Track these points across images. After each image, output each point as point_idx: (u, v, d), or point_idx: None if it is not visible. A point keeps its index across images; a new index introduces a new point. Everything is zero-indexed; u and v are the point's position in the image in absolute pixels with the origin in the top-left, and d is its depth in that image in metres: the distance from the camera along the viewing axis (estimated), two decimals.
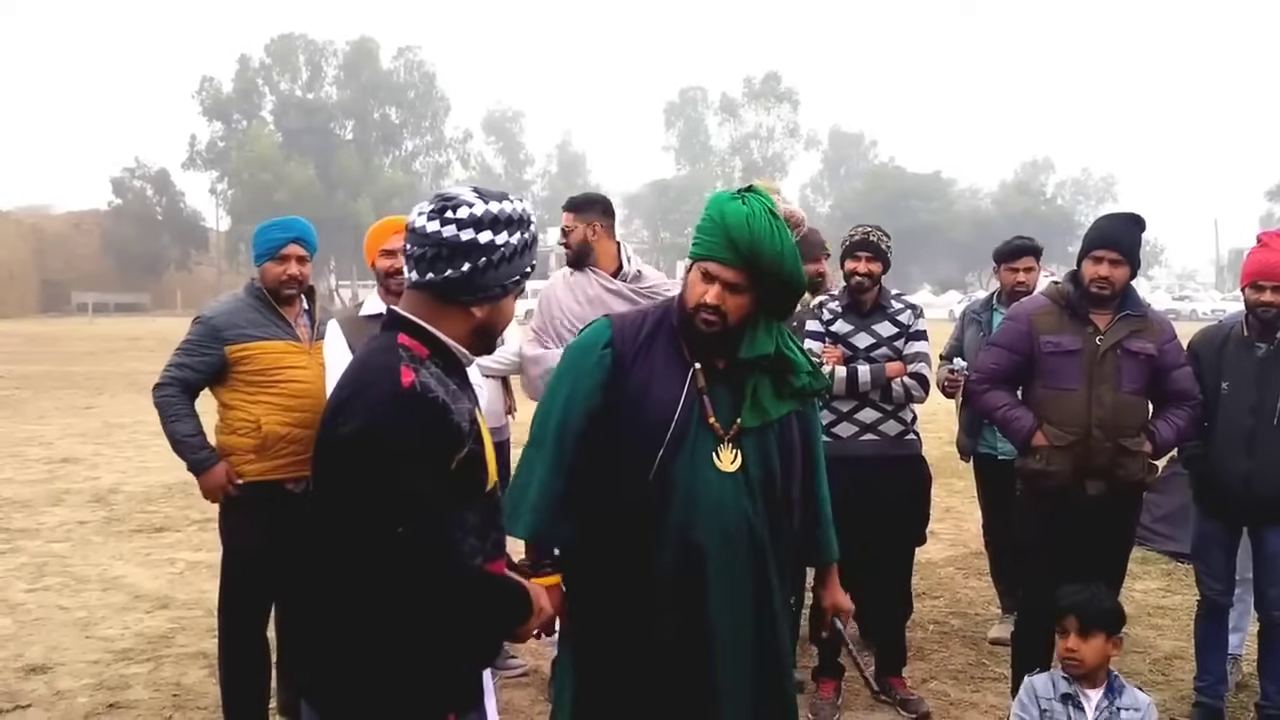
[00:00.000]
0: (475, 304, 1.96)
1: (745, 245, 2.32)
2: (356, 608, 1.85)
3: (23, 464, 10.08)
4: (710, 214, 2.40)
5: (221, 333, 3.72)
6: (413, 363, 1.88)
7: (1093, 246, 3.78)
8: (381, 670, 1.85)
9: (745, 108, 79.37)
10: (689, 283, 2.43)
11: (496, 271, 1.94)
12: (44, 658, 4.79)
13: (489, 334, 2.04)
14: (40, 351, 26.22)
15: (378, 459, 1.79)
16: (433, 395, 1.85)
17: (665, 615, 2.37)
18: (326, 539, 1.88)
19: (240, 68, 68.18)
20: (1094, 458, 3.72)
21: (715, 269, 2.36)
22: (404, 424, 1.80)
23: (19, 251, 55.76)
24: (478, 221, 1.91)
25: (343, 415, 1.85)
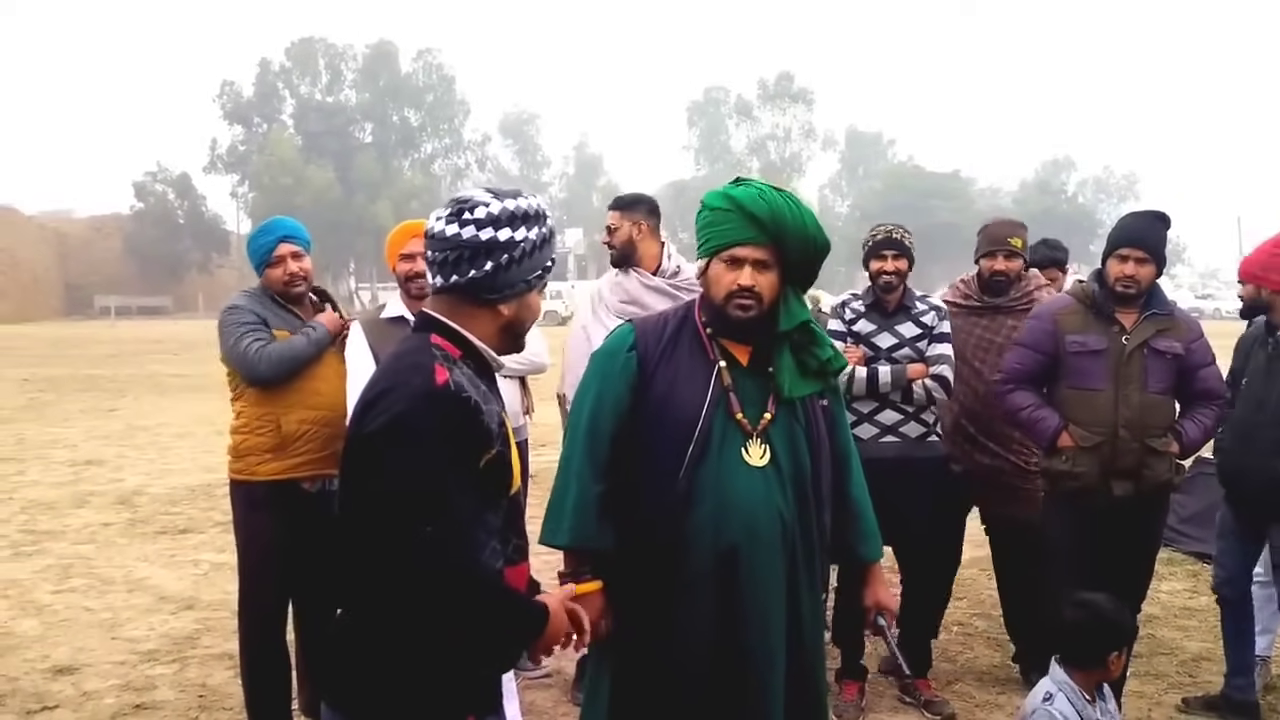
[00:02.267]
0: (502, 301, 1.98)
1: (768, 217, 2.37)
2: (376, 608, 1.85)
3: (48, 466, 10.16)
4: (716, 205, 2.44)
5: (259, 313, 3.74)
6: (446, 362, 1.89)
7: (1118, 245, 3.75)
8: (400, 671, 1.85)
9: (761, 109, 79.24)
10: (711, 278, 2.45)
11: (519, 267, 1.96)
12: (71, 659, 4.83)
13: (517, 331, 2.05)
14: (64, 355, 26.43)
15: (407, 454, 1.79)
16: (465, 394, 1.86)
17: (700, 613, 2.37)
18: (349, 540, 1.88)
19: (260, 71, 68.59)
20: (1121, 458, 3.69)
21: (743, 252, 2.39)
22: (435, 420, 1.81)
23: (42, 255, 56.21)
24: (495, 220, 1.93)
25: (374, 411, 1.85)
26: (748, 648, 2.39)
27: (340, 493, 1.96)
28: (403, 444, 1.79)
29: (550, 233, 2.02)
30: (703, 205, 2.49)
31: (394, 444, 1.80)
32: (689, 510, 2.38)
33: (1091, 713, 2.97)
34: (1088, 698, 2.97)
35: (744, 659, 2.39)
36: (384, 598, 1.83)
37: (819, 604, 2.55)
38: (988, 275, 4.39)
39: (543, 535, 2.53)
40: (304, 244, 3.85)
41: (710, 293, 2.47)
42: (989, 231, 4.47)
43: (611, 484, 2.45)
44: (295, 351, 3.71)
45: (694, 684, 2.38)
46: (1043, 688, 3.02)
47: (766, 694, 2.40)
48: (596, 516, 2.45)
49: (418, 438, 1.79)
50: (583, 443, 2.48)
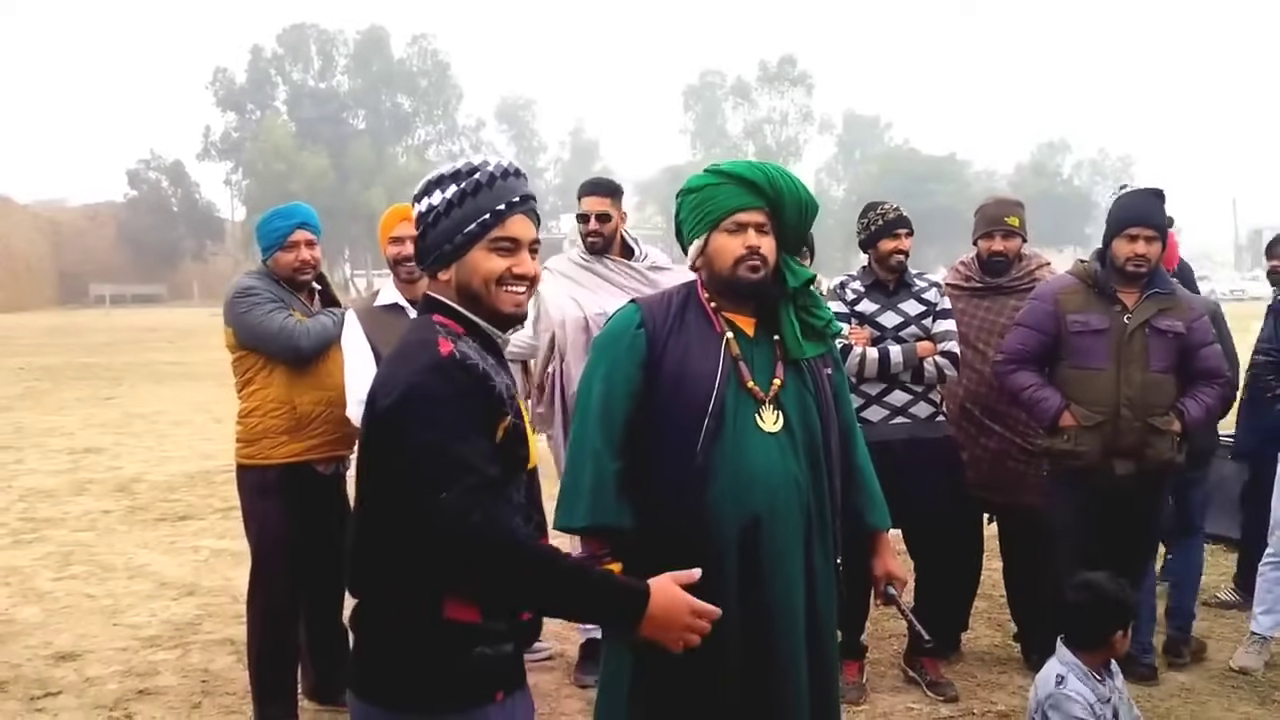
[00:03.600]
0: (438, 269, 1.96)
1: (764, 181, 2.43)
2: (400, 592, 1.84)
3: (46, 454, 10.15)
4: (705, 183, 2.49)
5: (274, 292, 3.72)
6: (450, 336, 1.88)
7: (1127, 224, 3.74)
8: (428, 654, 1.85)
9: (759, 92, 79.03)
10: (714, 250, 2.46)
11: (436, 230, 1.93)
12: (73, 645, 4.82)
13: (473, 297, 1.94)
14: (59, 343, 26.38)
15: (421, 422, 1.78)
16: (473, 362, 1.85)
17: (724, 585, 2.33)
18: (369, 527, 1.87)
19: (253, 58, 68.27)
20: (1123, 437, 3.70)
21: (744, 217, 2.43)
22: (446, 387, 1.80)
23: (36, 244, 56.04)
24: (420, 193, 1.97)
25: (383, 391, 1.84)
26: (772, 616, 2.38)
27: (358, 484, 1.94)
28: (416, 414, 1.78)
29: (475, 185, 1.92)
30: (686, 190, 2.52)
31: (407, 415, 1.79)
32: (708, 484, 2.37)
33: (1103, 691, 2.98)
34: (1096, 677, 2.98)
35: (768, 628, 2.38)
36: (412, 578, 1.81)
37: (833, 568, 2.54)
38: (986, 256, 4.38)
39: (557, 520, 2.46)
40: (318, 233, 3.86)
41: (716, 265, 2.47)
42: (985, 212, 4.45)
43: (627, 464, 2.43)
44: (329, 332, 3.74)
45: (719, 654, 2.33)
46: (1052, 670, 3.02)
47: (792, 661, 2.40)
48: (614, 495, 2.41)
49: (431, 407, 1.78)
50: (596, 423, 2.45)
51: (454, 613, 1.83)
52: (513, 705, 1.95)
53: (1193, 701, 4.13)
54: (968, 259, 4.57)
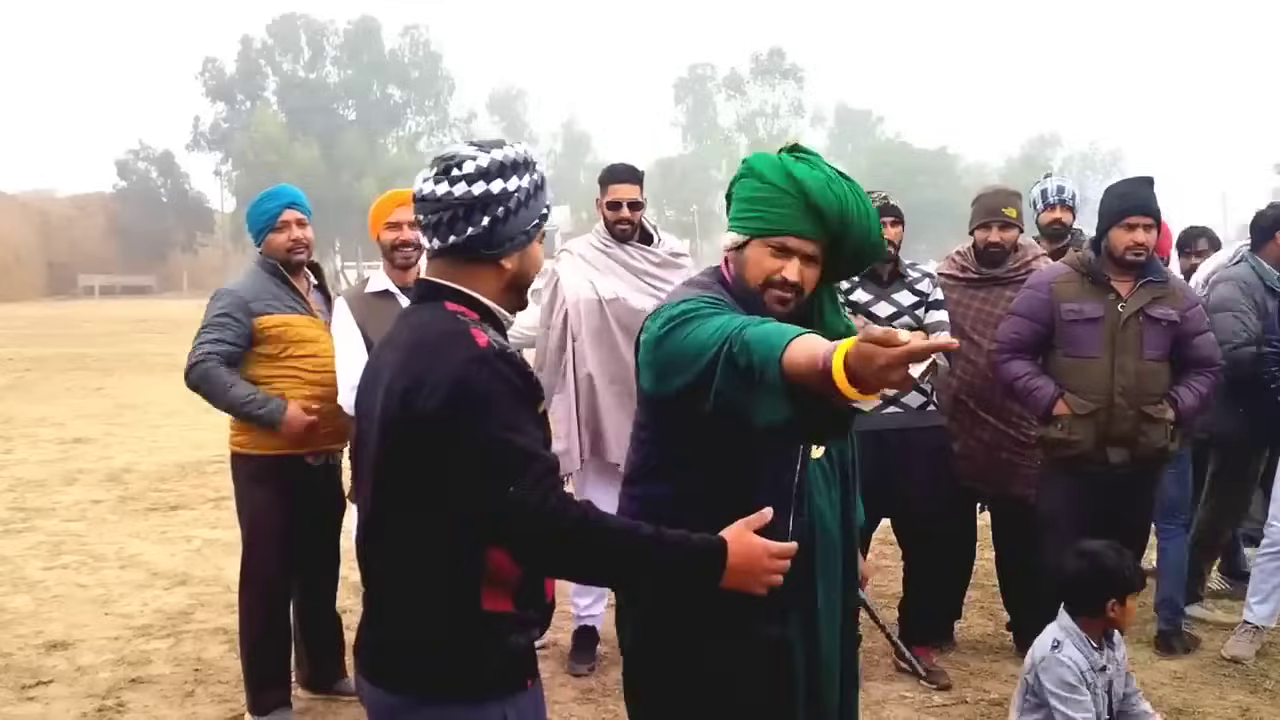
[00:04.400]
0: (503, 256, 1.91)
1: (834, 215, 2.09)
2: (439, 583, 1.83)
3: (35, 444, 10.10)
4: (774, 182, 2.12)
5: (250, 304, 3.69)
6: (478, 325, 1.85)
7: (1125, 214, 3.74)
8: (469, 641, 1.84)
9: (751, 84, 79.02)
10: (749, 259, 2.16)
11: (516, 218, 1.89)
12: (64, 634, 4.81)
13: (521, 286, 1.99)
14: (48, 334, 26.25)
15: (476, 418, 1.74)
16: (510, 351, 1.83)
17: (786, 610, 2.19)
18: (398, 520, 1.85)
19: (243, 48, 67.98)
20: (1117, 425, 3.71)
21: (795, 243, 2.11)
22: (494, 379, 1.77)
23: (24, 235, 55.72)
24: (485, 173, 1.87)
25: (424, 392, 1.77)
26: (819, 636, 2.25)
27: (370, 480, 1.90)
28: (470, 410, 1.75)
29: (542, 179, 1.95)
30: (751, 171, 2.18)
31: (459, 412, 1.75)
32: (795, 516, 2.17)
33: (1098, 659, 3.04)
34: (1094, 645, 3.03)
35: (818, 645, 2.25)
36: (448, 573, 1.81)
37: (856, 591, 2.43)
38: (983, 246, 4.38)
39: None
40: (308, 213, 3.84)
41: (745, 275, 2.18)
42: (983, 202, 4.45)
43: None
44: (217, 393, 3.62)
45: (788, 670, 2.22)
46: (1050, 635, 3.08)
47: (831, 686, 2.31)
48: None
49: (484, 401, 1.75)
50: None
51: (491, 604, 1.84)
52: (538, 691, 1.97)
53: (1185, 690, 4.15)
54: (964, 249, 4.57)
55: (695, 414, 1.94)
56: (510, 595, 1.86)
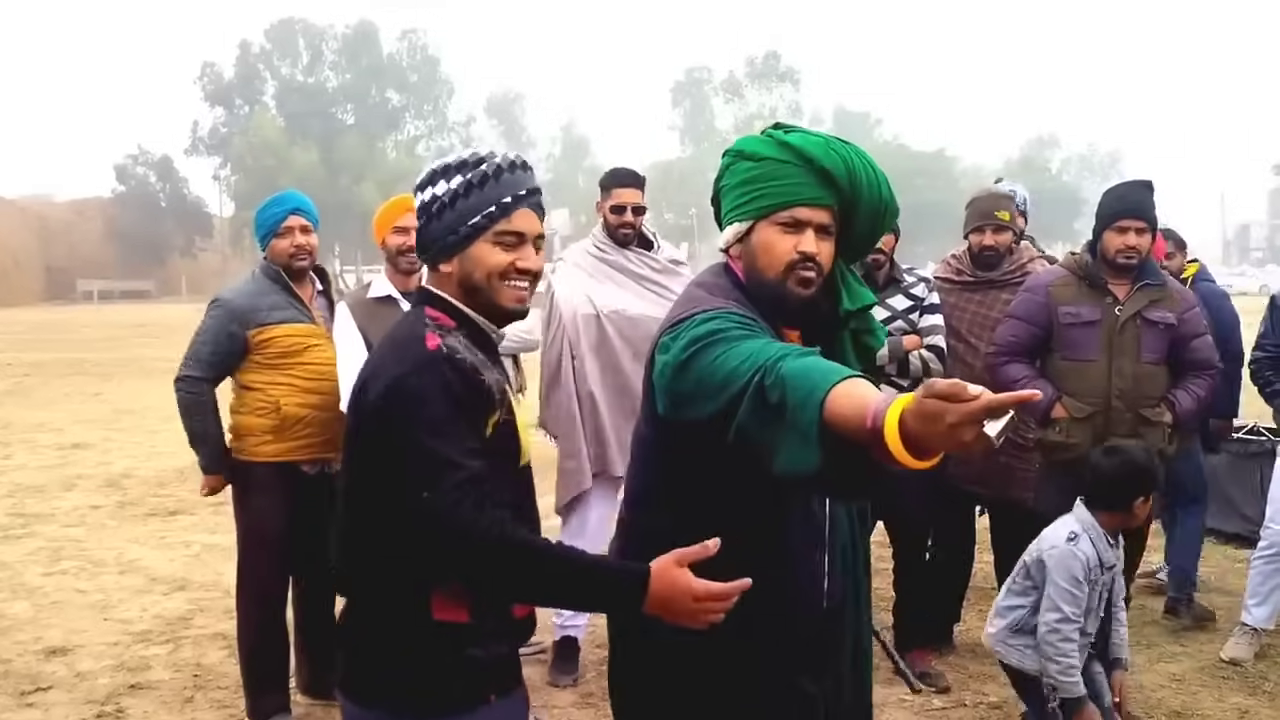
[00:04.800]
0: (439, 260, 1.92)
1: (842, 175, 1.93)
2: (391, 588, 1.82)
3: (34, 450, 10.10)
4: (769, 155, 1.97)
5: (243, 315, 3.70)
6: (439, 330, 1.85)
7: (1118, 216, 3.75)
8: (420, 652, 1.81)
9: (749, 88, 79.09)
10: (759, 246, 1.98)
11: (440, 222, 1.89)
12: (64, 640, 4.80)
13: (474, 290, 1.90)
14: (47, 339, 26.25)
15: (406, 419, 1.75)
16: (460, 356, 1.82)
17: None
18: (355, 526, 1.85)
19: (241, 53, 68.05)
20: (1114, 428, 3.71)
21: (805, 213, 1.94)
22: (432, 382, 1.77)
23: (23, 239, 55.76)
24: (422, 184, 1.92)
25: (370, 386, 1.82)
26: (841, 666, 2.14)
27: (343, 480, 1.91)
28: (402, 409, 1.76)
29: (482, 176, 1.87)
30: (741, 154, 2.01)
31: (392, 411, 1.77)
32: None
33: (1110, 556, 3.15)
34: (1110, 541, 3.16)
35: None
36: (399, 577, 1.80)
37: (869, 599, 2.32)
38: (978, 250, 4.39)
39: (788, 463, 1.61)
40: (313, 220, 3.84)
41: (758, 265, 1.99)
42: (976, 205, 4.46)
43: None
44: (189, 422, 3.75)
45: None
46: (1066, 526, 3.17)
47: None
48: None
49: (416, 403, 1.75)
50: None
51: (442, 613, 1.81)
52: (506, 707, 1.91)
53: (1184, 692, 4.15)
54: (959, 252, 4.58)
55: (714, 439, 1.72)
56: (465, 606, 1.82)
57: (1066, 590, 3.10)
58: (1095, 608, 3.18)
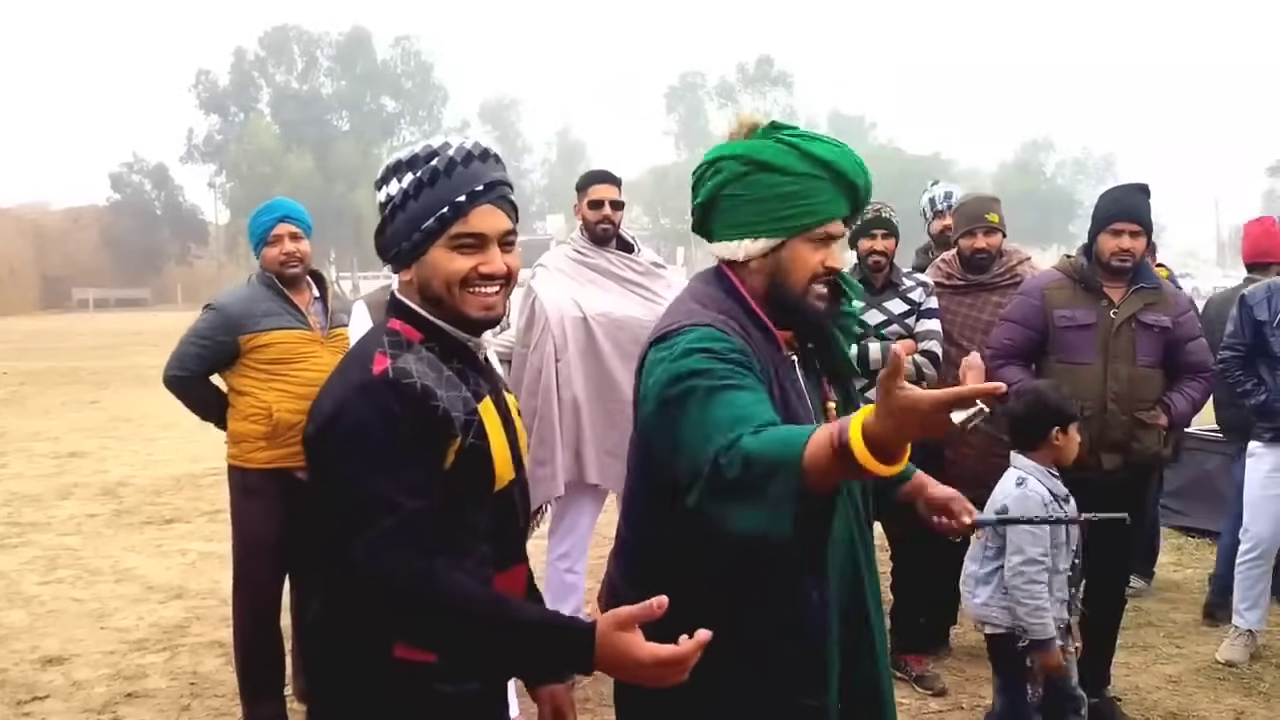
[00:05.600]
0: (399, 267, 1.76)
1: (864, 185, 1.96)
2: (350, 624, 1.68)
3: (30, 459, 10.08)
4: (800, 170, 1.91)
5: (236, 321, 3.71)
6: (394, 348, 1.68)
7: (1112, 219, 3.76)
8: (384, 691, 1.68)
9: (742, 93, 79.17)
10: (794, 260, 1.94)
11: (393, 225, 1.72)
12: (60, 649, 4.80)
13: (436, 299, 1.73)
14: (42, 348, 26.21)
15: (338, 454, 1.60)
16: (409, 381, 1.63)
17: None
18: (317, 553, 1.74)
19: (235, 60, 68.12)
20: (1110, 431, 3.71)
21: (838, 229, 1.96)
22: (369, 412, 1.60)
23: (18, 248, 55.67)
24: (379, 180, 1.76)
25: (313, 417, 1.68)
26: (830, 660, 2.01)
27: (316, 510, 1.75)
28: (335, 443, 1.61)
29: (435, 171, 1.70)
30: (758, 165, 1.92)
31: (326, 445, 1.62)
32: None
33: (1060, 487, 3.31)
34: (1055, 474, 3.30)
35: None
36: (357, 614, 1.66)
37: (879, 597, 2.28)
38: (969, 254, 4.40)
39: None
40: (304, 226, 3.84)
41: (788, 280, 1.94)
42: (965, 209, 4.48)
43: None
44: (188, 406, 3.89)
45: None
46: (1011, 476, 3.33)
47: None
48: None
49: (350, 436, 1.59)
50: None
51: (405, 651, 1.66)
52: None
53: (1180, 694, 4.17)
54: (949, 256, 4.59)
55: None
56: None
57: (1026, 531, 3.20)
58: (1065, 541, 3.27)
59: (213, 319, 3.75)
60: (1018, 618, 3.20)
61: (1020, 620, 3.20)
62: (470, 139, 1.78)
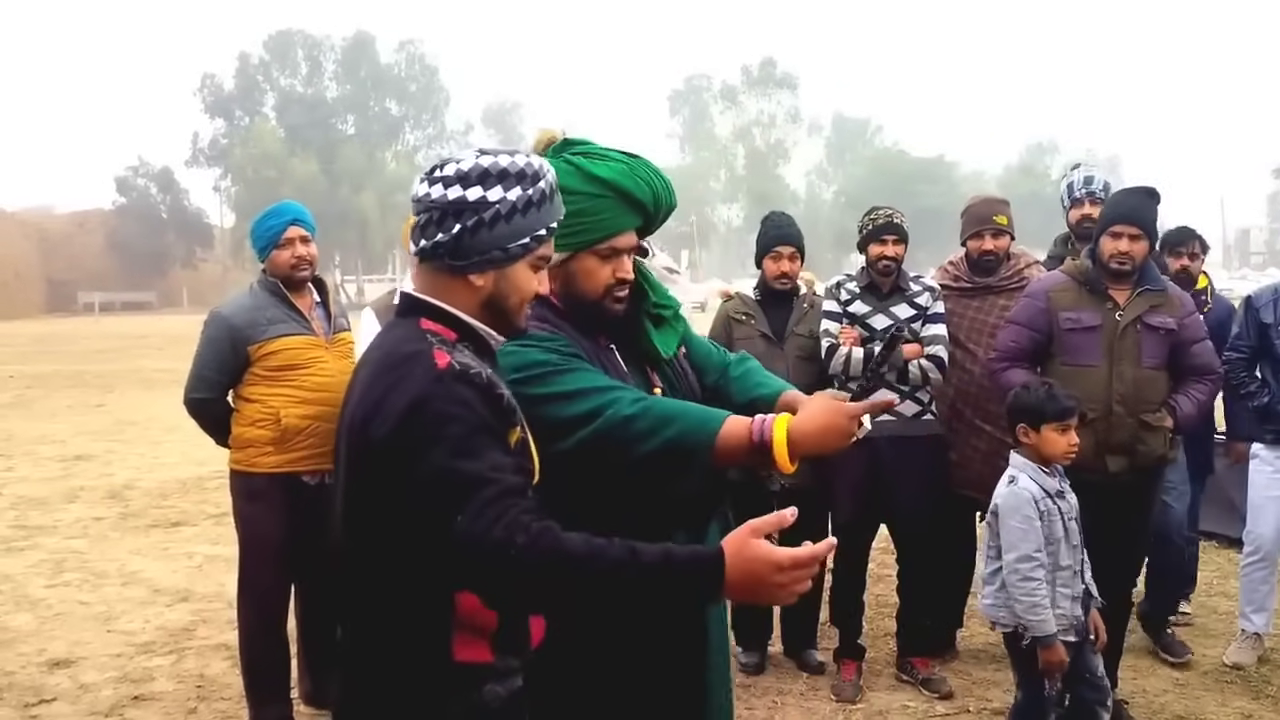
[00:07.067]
0: (472, 271, 1.73)
1: (650, 200, 2.11)
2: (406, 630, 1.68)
3: (37, 462, 10.11)
4: (580, 189, 2.04)
5: (241, 331, 3.71)
6: (443, 345, 1.68)
7: (1111, 222, 3.76)
8: (439, 694, 1.69)
9: (746, 95, 79.19)
10: (582, 272, 2.09)
11: (491, 231, 1.70)
12: (67, 652, 4.81)
13: (501, 310, 1.77)
14: (49, 351, 26.27)
15: (426, 444, 1.57)
16: (475, 371, 1.65)
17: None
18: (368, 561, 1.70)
19: (241, 64, 68.27)
20: (1115, 434, 3.71)
21: (623, 241, 2.10)
22: (445, 404, 1.59)
23: (24, 252, 55.80)
24: (464, 177, 1.71)
25: (378, 420, 1.62)
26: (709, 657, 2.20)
27: (344, 511, 1.74)
28: (422, 435, 1.58)
29: (542, 195, 1.74)
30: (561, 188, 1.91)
31: (410, 438, 1.59)
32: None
33: (1052, 484, 3.30)
34: (1047, 471, 3.30)
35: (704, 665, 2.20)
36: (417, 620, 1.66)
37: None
38: (976, 256, 4.39)
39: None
40: (311, 230, 3.85)
41: (580, 289, 2.11)
42: (973, 211, 4.46)
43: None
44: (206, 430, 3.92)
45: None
46: (1006, 475, 3.35)
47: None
48: None
49: (436, 425, 1.58)
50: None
51: (465, 653, 1.67)
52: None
53: (1187, 697, 4.16)
54: (956, 259, 4.59)
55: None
56: (487, 643, 1.70)
57: (1017, 528, 3.23)
58: (1064, 537, 3.27)
59: (219, 333, 3.74)
60: (1017, 615, 3.22)
61: (1019, 617, 3.22)
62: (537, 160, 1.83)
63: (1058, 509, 3.28)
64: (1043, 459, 3.32)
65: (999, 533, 3.30)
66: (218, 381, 3.78)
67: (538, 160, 1.78)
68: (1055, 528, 3.26)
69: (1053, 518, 3.27)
